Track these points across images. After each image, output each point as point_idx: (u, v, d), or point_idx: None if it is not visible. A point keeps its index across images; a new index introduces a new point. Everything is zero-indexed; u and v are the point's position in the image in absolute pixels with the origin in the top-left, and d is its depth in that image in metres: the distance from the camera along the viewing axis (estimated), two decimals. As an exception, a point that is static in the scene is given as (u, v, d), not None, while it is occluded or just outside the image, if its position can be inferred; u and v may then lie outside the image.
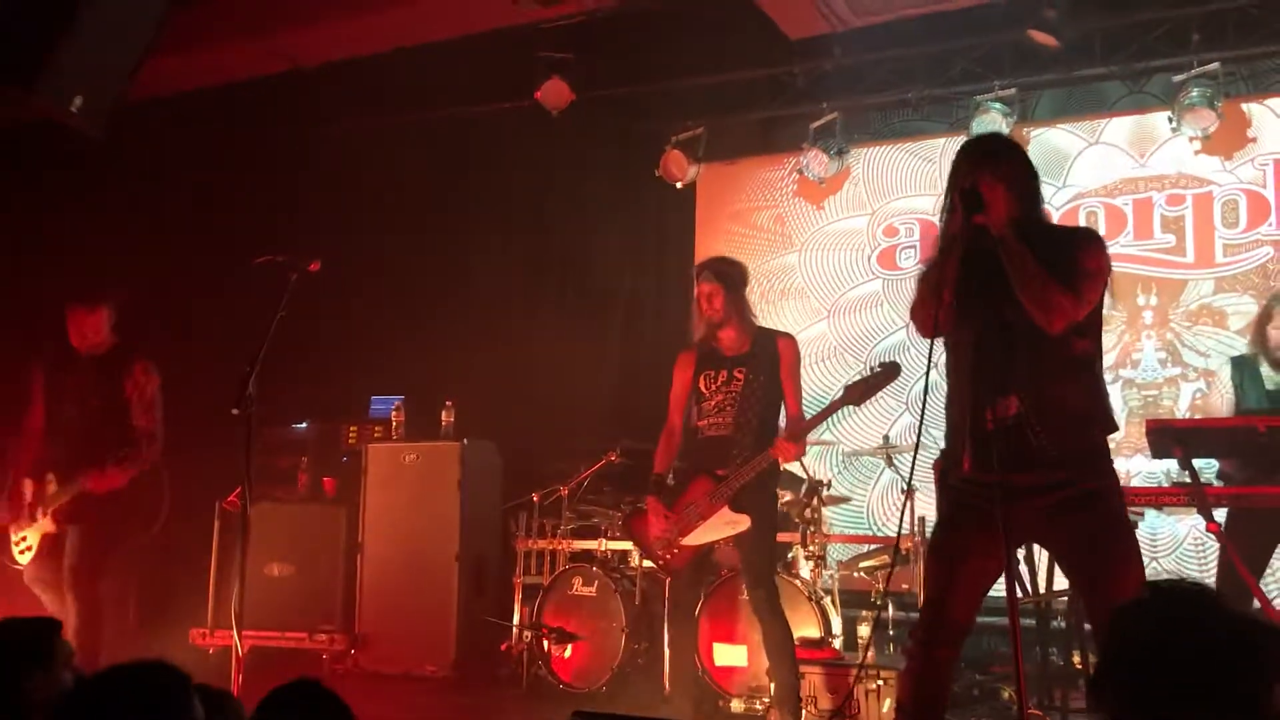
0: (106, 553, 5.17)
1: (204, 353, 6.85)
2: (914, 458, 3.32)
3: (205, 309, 7.46)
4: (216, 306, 7.18)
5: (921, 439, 3.31)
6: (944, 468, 3.30)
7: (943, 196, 3.35)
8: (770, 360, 4.73)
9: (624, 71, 7.62)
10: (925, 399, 3.15)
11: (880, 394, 4.70)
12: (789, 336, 4.92)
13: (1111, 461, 3.22)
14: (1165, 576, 6.27)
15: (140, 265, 7.59)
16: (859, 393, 4.52)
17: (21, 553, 5.12)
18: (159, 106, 7.10)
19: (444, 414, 6.79)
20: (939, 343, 3.26)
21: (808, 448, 5.92)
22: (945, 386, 3.34)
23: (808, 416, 4.71)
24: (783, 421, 4.77)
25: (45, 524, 5.08)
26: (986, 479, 3.09)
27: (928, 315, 3.21)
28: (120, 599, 6.76)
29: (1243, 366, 5.16)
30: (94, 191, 7.36)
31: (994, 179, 3.15)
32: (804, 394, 4.90)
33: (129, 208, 7.54)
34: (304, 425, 7.31)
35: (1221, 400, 5.22)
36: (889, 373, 4.50)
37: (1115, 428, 3.24)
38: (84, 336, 5.21)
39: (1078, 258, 3.13)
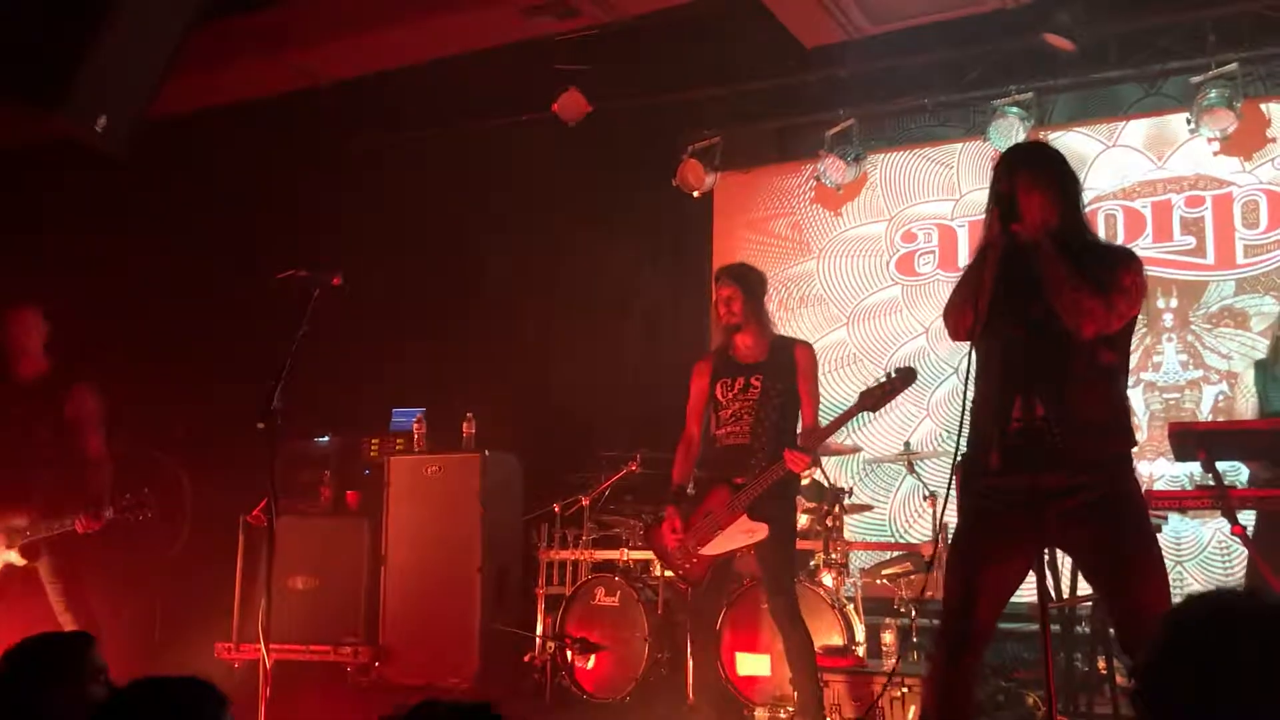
0: (80, 577, 5.07)
1: (227, 368, 6.90)
2: (955, 461, 3.31)
3: (227, 325, 7.52)
4: (238, 323, 7.23)
5: (941, 445, 3.32)
6: (966, 471, 3.30)
7: (959, 201, 3.37)
8: (787, 368, 4.73)
9: (640, 82, 7.65)
10: (965, 402, 3.17)
11: (901, 401, 4.70)
12: (806, 344, 4.93)
13: (1133, 469, 3.22)
14: (1190, 581, 6.26)
15: (163, 281, 7.67)
16: (874, 399, 4.51)
17: None
18: (178, 124, 7.16)
19: (465, 426, 6.81)
20: (967, 346, 3.27)
21: (830, 455, 5.93)
22: (973, 391, 3.34)
23: (824, 424, 4.71)
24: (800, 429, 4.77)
25: (10, 556, 4.97)
26: (1011, 483, 3.10)
27: (960, 321, 3.22)
28: (143, 614, 6.81)
29: (1265, 369, 5.13)
30: (115, 209, 7.42)
31: (1031, 186, 3.17)
32: (824, 401, 4.90)
33: (151, 226, 7.60)
34: (326, 439, 7.35)
35: (1245, 403, 5.20)
36: (905, 379, 4.49)
37: (1135, 441, 3.24)
38: (15, 340, 5.11)
39: (1115, 270, 3.15)
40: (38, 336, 5.21)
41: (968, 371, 3.20)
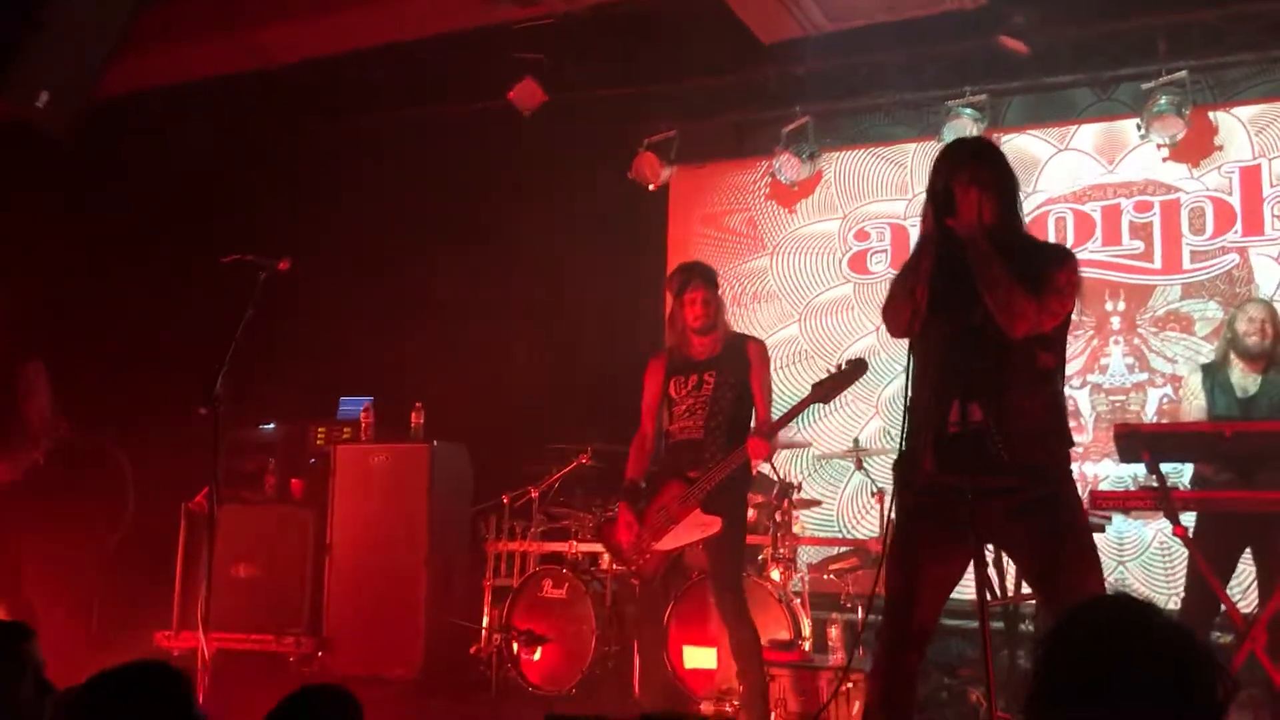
0: (20, 559, 5.06)
1: (171, 353, 6.80)
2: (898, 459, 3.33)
3: (172, 308, 7.39)
4: (184, 306, 7.12)
5: (890, 443, 3.32)
6: (904, 469, 3.31)
7: (911, 201, 3.37)
8: (740, 363, 4.75)
9: (597, 73, 7.62)
10: (907, 398, 3.16)
11: (850, 398, 4.72)
12: (758, 340, 4.95)
13: (1070, 471, 3.24)
14: (1133, 581, 6.35)
15: (107, 263, 7.53)
16: (826, 390, 4.53)
17: None
18: (127, 105, 7.02)
19: (413, 415, 6.75)
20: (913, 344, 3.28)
21: (779, 450, 5.94)
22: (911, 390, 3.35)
23: (777, 417, 4.73)
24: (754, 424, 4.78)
25: None
26: (948, 480, 3.11)
27: (899, 316, 3.22)
28: (83, 600, 6.69)
29: (1213, 373, 5.21)
30: (60, 189, 7.27)
31: (968, 182, 3.16)
32: (775, 396, 4.91)
33: (98, 206, 7.46)
34: (271, 426, 7.25)
35: (1189, 405, 5.27)
36: (856, 370, 4.52)
37: (1072, 443, 3.25)
38: None
39: (1049, 270, 3.14)
40: None
41: (908, 369, 3.20)
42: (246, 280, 4.28)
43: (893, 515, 3.34)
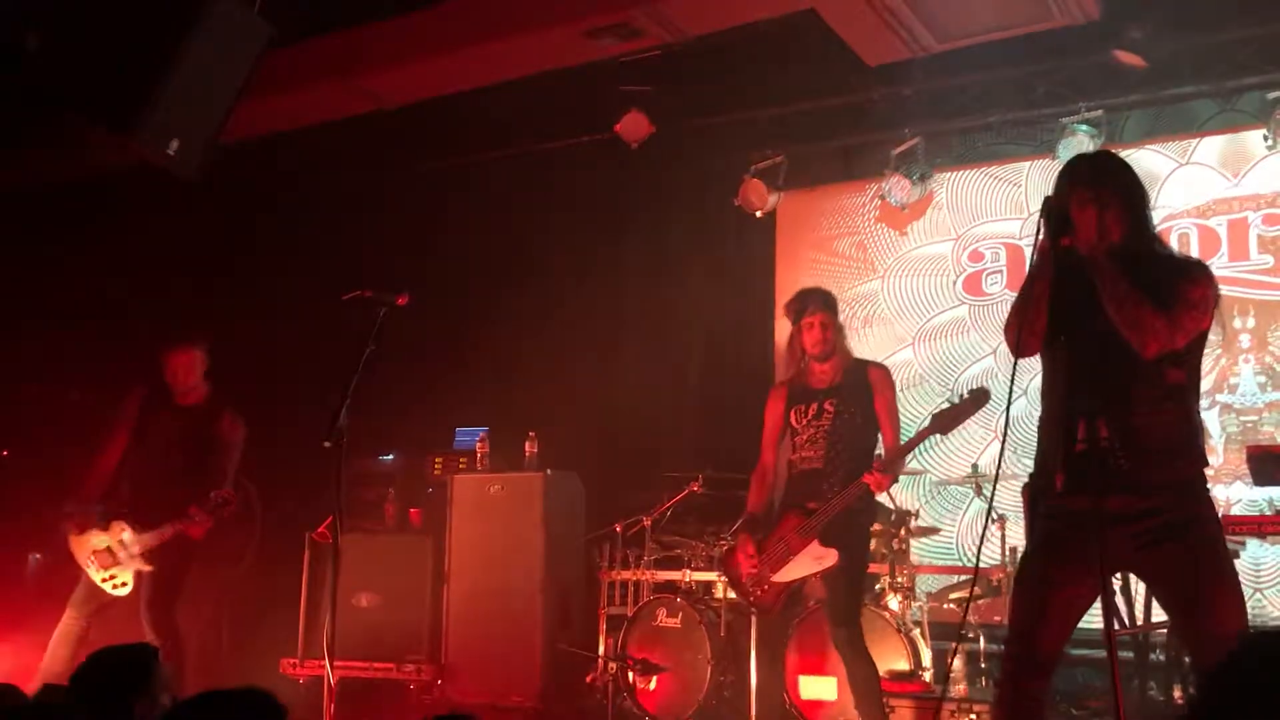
0: (177, 589, 5.30)
1: (292, 388, 7.00)
2: (994, 487, 3.26)
3: (293, 345, 7.62)
4: (305, 342, 7.32)
5: (1010, 468, 3.26)
6: (1034, 493, 3.24)
7: (1027, 220, 3.33)
8: (862, 391, 4.69)
9: (702, 102, 7.64)
10: (1006, 421, 3.10)
11: (969, 422, 4.61)
12: (881, 366, 4.89)
13: (1207, 490, 3.12)
14: (1271, 609, 6.08)
15: (229, 302, 7.80)
16: (947, 421, 4.45)
17: (116, 588, 5.24)
18: (244, 149, 7.27)
19: (527, 445, 6.83)
20: (1035, 364, 3.22)
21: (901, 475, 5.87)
22: (1039, 409, 3.29)
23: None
24: (880, 450, 4.72)
25: (139, 563, 5.22)
26: (1077, 505, 3.03)
27: (1017, 339, 3.17)
28: (212, 629, 6.91)
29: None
30: (183, 233, 7.56)
31: (1086, 200, 3.10)
32: (891, 423, 4.84)
33: (217, 248, 7.74)
34: (390, 457, 7.41)
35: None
36: (977, 400, 4.42)
37: (1205, 463, 3.14)
38: (178, 378, 5.38)
39: (1181, 285, 3.05)
40: (199, 369, 5.51)
41: (1009, 391, 3.14)
42: (366, 316, 4.38)
43: (1012, 542, 3.26)
